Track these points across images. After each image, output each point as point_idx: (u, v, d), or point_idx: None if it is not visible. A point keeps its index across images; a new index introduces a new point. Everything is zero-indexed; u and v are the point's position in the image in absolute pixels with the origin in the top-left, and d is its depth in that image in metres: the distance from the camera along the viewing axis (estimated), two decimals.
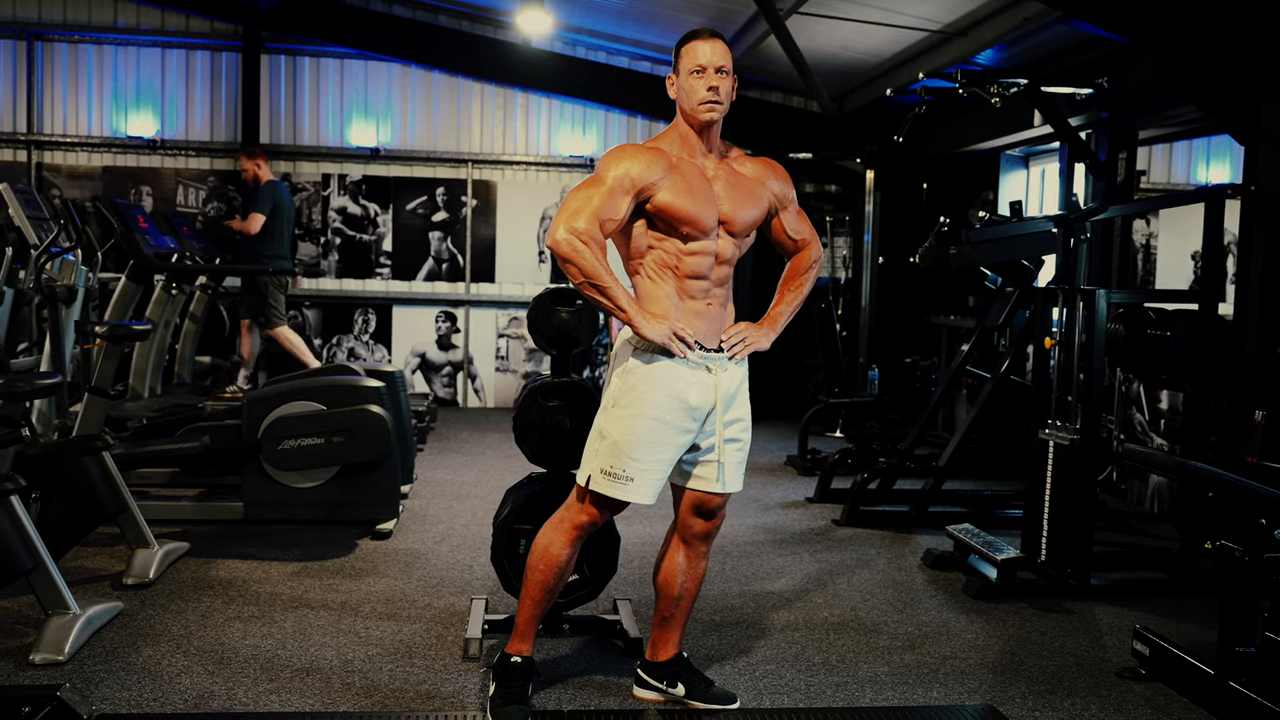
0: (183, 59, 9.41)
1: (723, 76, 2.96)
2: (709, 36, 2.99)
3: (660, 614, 3.26)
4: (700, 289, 3.01)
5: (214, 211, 9.41)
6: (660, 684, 3.25)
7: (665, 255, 2.99)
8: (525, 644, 3.15)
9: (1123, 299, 4.92)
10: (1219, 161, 9.46)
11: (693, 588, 3.25)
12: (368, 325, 9.72)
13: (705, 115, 2.97)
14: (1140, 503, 6.40)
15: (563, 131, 9.80)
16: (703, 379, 3.00)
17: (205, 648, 3.58)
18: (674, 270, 2.99)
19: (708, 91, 2.94)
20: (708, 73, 2.95)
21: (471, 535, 5.21)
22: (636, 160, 2.92)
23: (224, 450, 5.15)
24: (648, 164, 2.92)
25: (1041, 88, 5.54)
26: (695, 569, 3.24)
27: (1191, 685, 3.41)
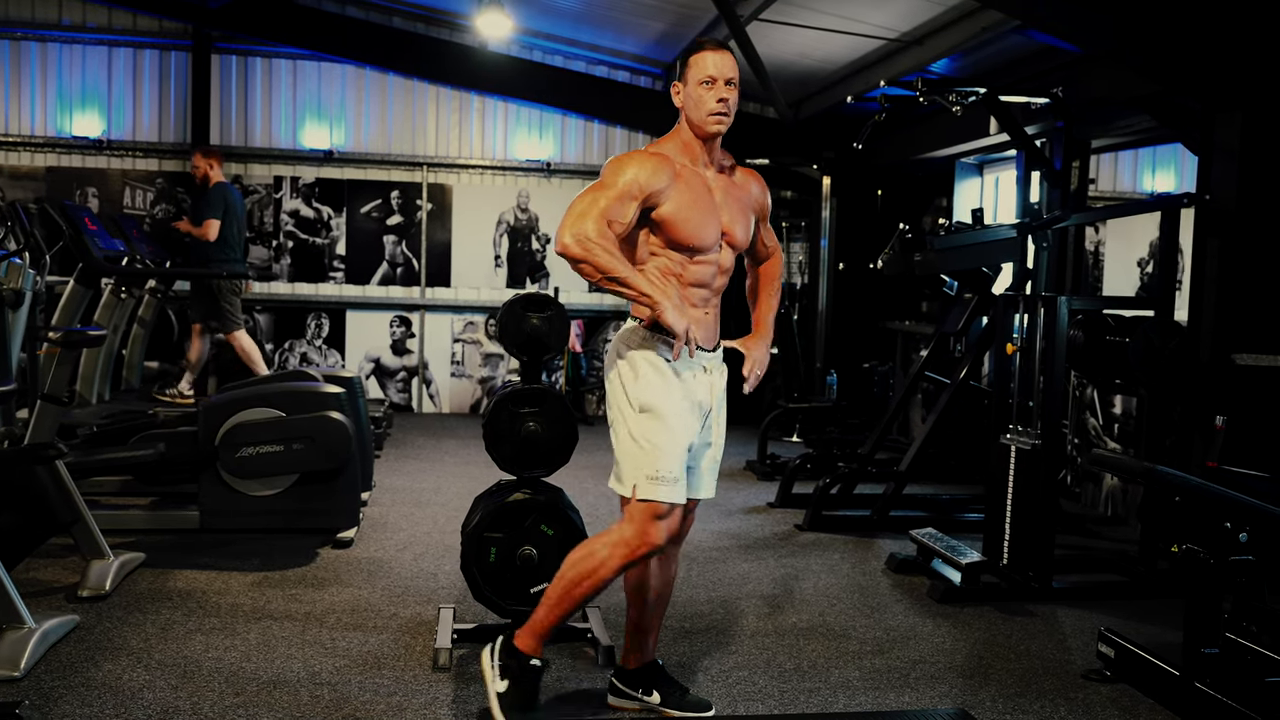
0: (130, 58, 9.21)
1: (731, 88, 2.97)
2: (718, 48, 2.99)
3: (634, 621, 3.24)
4: (701, 297, 3.02)
5: (162, 214, 9.22)
6: (635, 692, 3.23)
7: (670, 263, 2.98)
8: (541, 647, 3.09)
9: (1082, 306, 4.99)
10: (1164, 170, 9.64)
11: (667, 592, 3.25)
12: (320, 330, 9.59)
13: (714, 127, 2.98)
14: (1095, 506, 6.50)
15: (519, 135, 9.75)
16: (702, 380, 3.03)
17: (167, 661, 3.49)
18: (678, 278, 2.98)
19: (718, 103, 2.95)
20: (718, 84, 2.95)
21: (434, 543, 5.15)
22: (644, 166, 2.90)
23: (180, 458, 5.03)
24: (654, 170, 2.90)
25: (999, 97, 5.61)
26: (667, 573, 3.24)
27: (1157, 686, 3.46)
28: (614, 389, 3.03)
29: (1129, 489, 6.18)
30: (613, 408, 3.04)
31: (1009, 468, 4.69)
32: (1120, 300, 5.84)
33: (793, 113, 9.12)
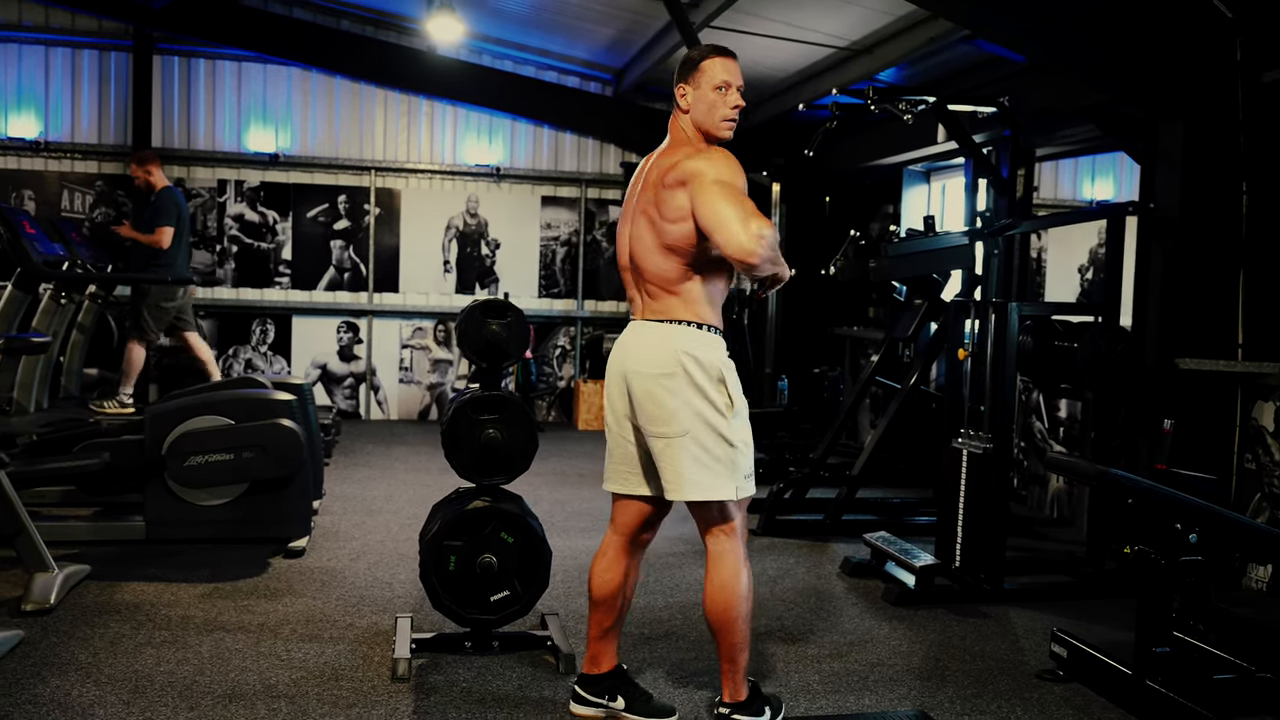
0: (68, 58, 9.01)
1: (740, 96, 3.04)
2: (730, 55, 3.05)
3: (600, 625, 3.23)
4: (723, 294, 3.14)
5: (101, 217, 9.03)
6: (600, 699, 3.22)
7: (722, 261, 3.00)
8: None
9: (1031, 311, 5.08)
10: (1104, 178, 9.85)
11: (632, 595, 3.29)
12: (266, 336, 9.45)
13: (725, 132, 3.05)
14: (1041, 508, 6.62)
15: (469, 140, 9.70)
16: None
17: (117, 676, 3.41)
18: (726, 276, 3.08)
19: (732, 109, 3.02)
20: (731, 90, 3.01)
21: (388, 552, 5.09)
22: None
23: (125, 467, 4.92)
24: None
25: (948, 106, 5.69)
26: (634, 576, 3.28)
27: (1110, 685, 3.52)
28: (689, 398, 2.95)
29: (1074, 491, 6.29)
30: (682, 419, 2.95)
31: (961, 472, 4.76)
32: (1068, 306, 5.96)
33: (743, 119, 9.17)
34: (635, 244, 3.06)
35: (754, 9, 6.86)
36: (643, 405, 3.01)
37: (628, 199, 3.16)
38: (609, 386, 3.17)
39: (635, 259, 3.06)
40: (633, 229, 3.07)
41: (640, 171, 3.14)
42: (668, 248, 2.98)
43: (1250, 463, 4.93)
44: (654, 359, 2.99)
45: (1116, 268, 5.05)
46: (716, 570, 3.04)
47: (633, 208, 3.10)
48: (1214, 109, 4.88)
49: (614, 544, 3.23)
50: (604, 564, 3.23)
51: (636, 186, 3.12)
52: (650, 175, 3.06)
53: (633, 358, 3.04)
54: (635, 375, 3.01)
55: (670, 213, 2.96)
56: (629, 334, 3.11)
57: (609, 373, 3.17)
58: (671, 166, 2.98)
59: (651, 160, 3.12)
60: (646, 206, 3.03)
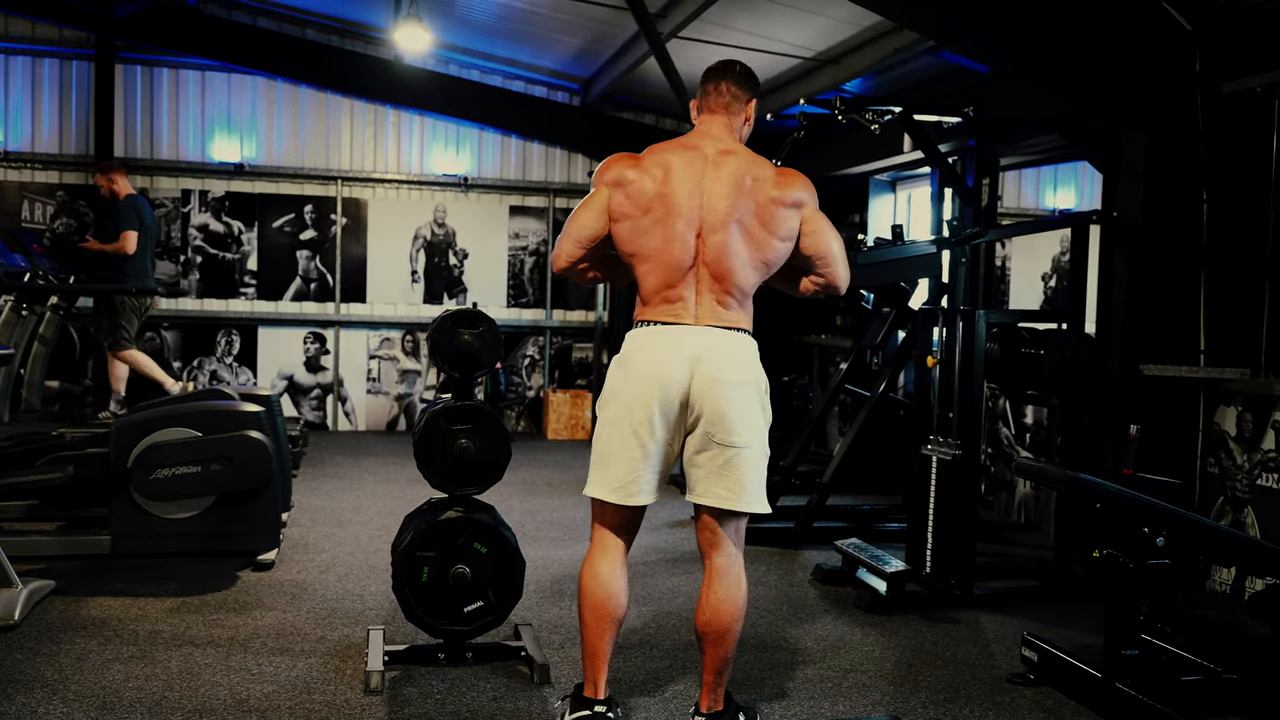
0: (28, 67, 8.91)
1: None
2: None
3: (612, 642, 3.09)
4: None
5: (63, 227, 8.92)
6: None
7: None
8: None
9: (998, 319, 5.14)
10: (1065, 187, 9.98)
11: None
12: (231, 347, 9.37)
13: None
14: (1008, 513, 6.68)
15: (436, 149, 9.67)
16: None
17: (85, 693, 3.36)
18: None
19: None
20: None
21: (358, 563, 5.06)
22: None
23: (90, 480, 4.85)
24: None
25: (914, 116, 5.75)
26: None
27: (1080, 688, 3.56)
28: (759, 409, 3.01)
29: (1041, 496, 6.36)
30: (755, 429, 2.98)
31: (930, 478, 4.80)
32: (1034, 313, 6.02)
33: None
34: (721, 250, 2.94)
35: (721, 19, 6.91)
36: (722, 412, 2.91)
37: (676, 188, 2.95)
38: (653, 388, 2.92)
39: (718, 263, 2.95)
40: (721, 235, 2.93)
41: (701, 162, 2.99)
42: (764, 262, 3.01)
43: (1213, 467, 5.01)
44: (741, 366, 2.96)
45: (1081, 276, 5.12)
46: (726, 582, 3.02)
47: (717, 207, 2.94)
48: (1174, 119, 4.96)
49: (619, 551, 3.09)
50: (615, 573, 3.05)
51: (701, 180, 2.97)
52: (743, 182, 2.97)
53: (718, 364, 2.92)
54: (717, 381, 2.91)
55: (783, 231, 3.01)
56: (697, 337, 2.94)
57: (658, 375, 2.92)
58: (778, 184, 3.01)
59: (720, 159, 3.00)
60: (746, 216, 2.96)
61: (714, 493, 2.99)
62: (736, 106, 3.12)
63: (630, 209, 2.98)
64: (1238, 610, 4.55)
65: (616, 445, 2.99)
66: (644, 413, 2.94)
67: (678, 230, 2.94)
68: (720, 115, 3.11)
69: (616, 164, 3.05)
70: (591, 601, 3.02)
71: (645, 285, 3.01)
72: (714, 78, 3.14)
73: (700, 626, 3.04)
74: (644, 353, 2.97)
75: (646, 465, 2.98)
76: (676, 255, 2.95)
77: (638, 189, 2.97)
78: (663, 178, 2.97)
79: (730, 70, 3.15)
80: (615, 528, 3.09)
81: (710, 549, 3.07)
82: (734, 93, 3.11)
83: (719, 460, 2.95)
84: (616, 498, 3.00)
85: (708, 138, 3.08)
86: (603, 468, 3.02)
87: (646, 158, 3.03)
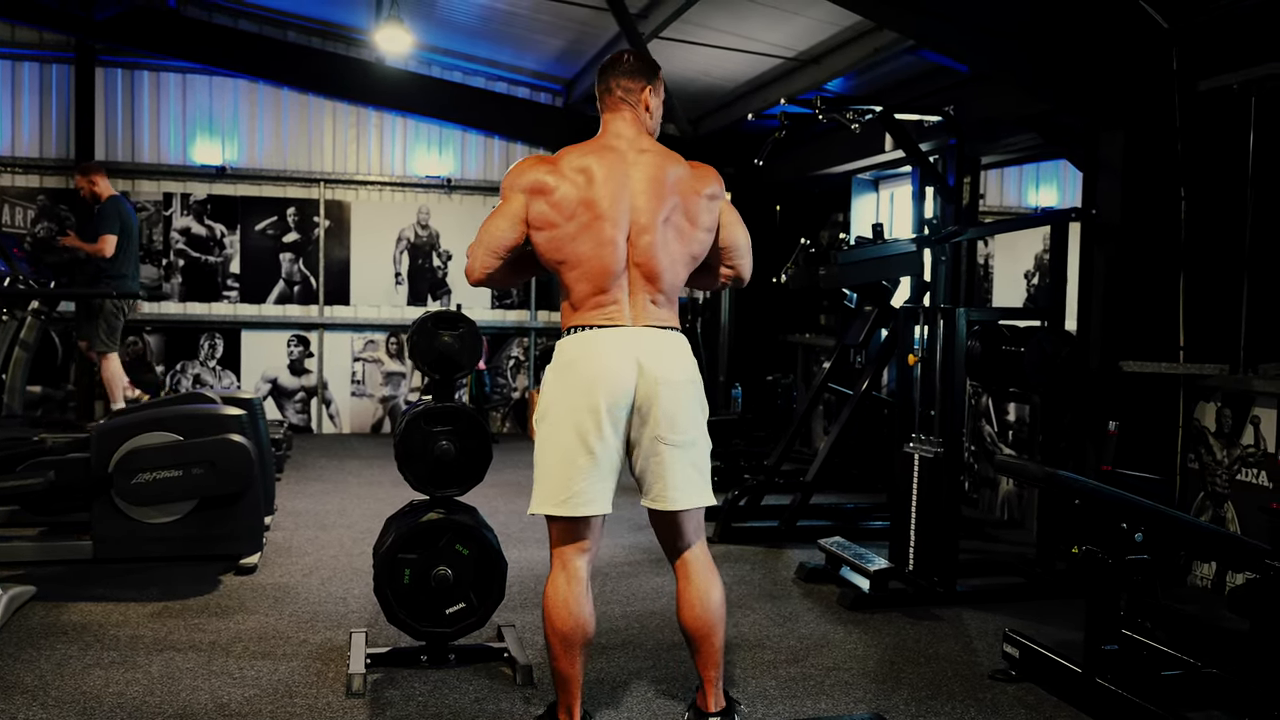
0: (8, 70, 8.86)
1: None
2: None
3: (582, 668, 3.02)
4: None
5: (44, 231, 8.87)
6: None
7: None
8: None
9: (980, 317, 5.15)
10: (1048, 185, 10.03)
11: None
12: (214, 350, 9.33)
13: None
14: (991, 511, 6.71)
15: (419, 151, 9.65)
16: None
17: (65, 698, 3.35)
18: None
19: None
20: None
21: (341, 566, 5.05)
22: None
23: (71, 485, 4.83)
24: None
25: (895, 115, 5.76)
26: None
27: (1061, 684, 3.57)
28: (700, 404, 3.02)
29: (1024, 494, 6.39)
30: (699, 424, 2.99)
31: (913, 475, 4.81)
32: (1014, 311, 6.05)
33: (693, 129, 9.24)
34: (651, 250, 2.91)
35: (702, 20, 6.91)
36: (671, 413, 2.89)
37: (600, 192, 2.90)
38: (599, 393, 2.85)
39: (649, 264, 2.91)
40: (650, 235, 2.90)
41: (621, 163, 2.94)
42: (692, 257, 3.02)
43: (1193, 462, 5.04)
44: (683, 365, 2.95)
45: (1061, 273, 5.14)
46: (703, 576, 3.03)
47: (644, 207, 2.91)
48: (1152, 117, 4.99)
49: (583, 570, 2.97)
50: (580, 595, 2.94)
51: (625, 181, 2.92)
52: (665, 179, 2.94)
53: (662, 365, 2.89)
54: (667, 383, 2.88)
55: (705, 223, 3.03)
56: (638, 339, 2.90)
57: (605, 379, 2.86)
58: (696, 177, 3.01)
59: (639, 158, 2.96)
60: (672, 213, 2.94)
61: (667, 495, 2.95)
62: (633, 98, 3.05)
63: (554, 217, 2.90)
64: (1218, 605, 4.57)
65: (561, 456, 2.90)
66: (592, 419, 2.86)
67: (607, 235, 2.89)
68: (622, 111, 3.05)
69: (530, 169, 2.96)
70: (559, 629, 2.91)
71: (576, 291, 2.93)
72: (603, 78, 3.09)
73: (689, 625, 3.02)
74: (587, 358, 2.89)
75: (596, 473, 2.89)
76: (608, 260, 2.89)
77: (561, 196, 2.90)
78: (585, 183, 2.90)
79: (617, 66, 3.09)
80: (572, 544, 2.96)
81: (677, 548, 3.06)
82: (626, 86, 3.05)
83: (668, 460, 2.92)
84: (564, 510, 2.90)
85: (620, 137, 3.02)
86: (548, 481, 2.93)
87: (563, 162, 2.95)
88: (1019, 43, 5.06)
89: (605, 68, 3.11)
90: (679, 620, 3.06)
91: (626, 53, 3.17)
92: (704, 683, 3.07)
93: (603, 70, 3.11)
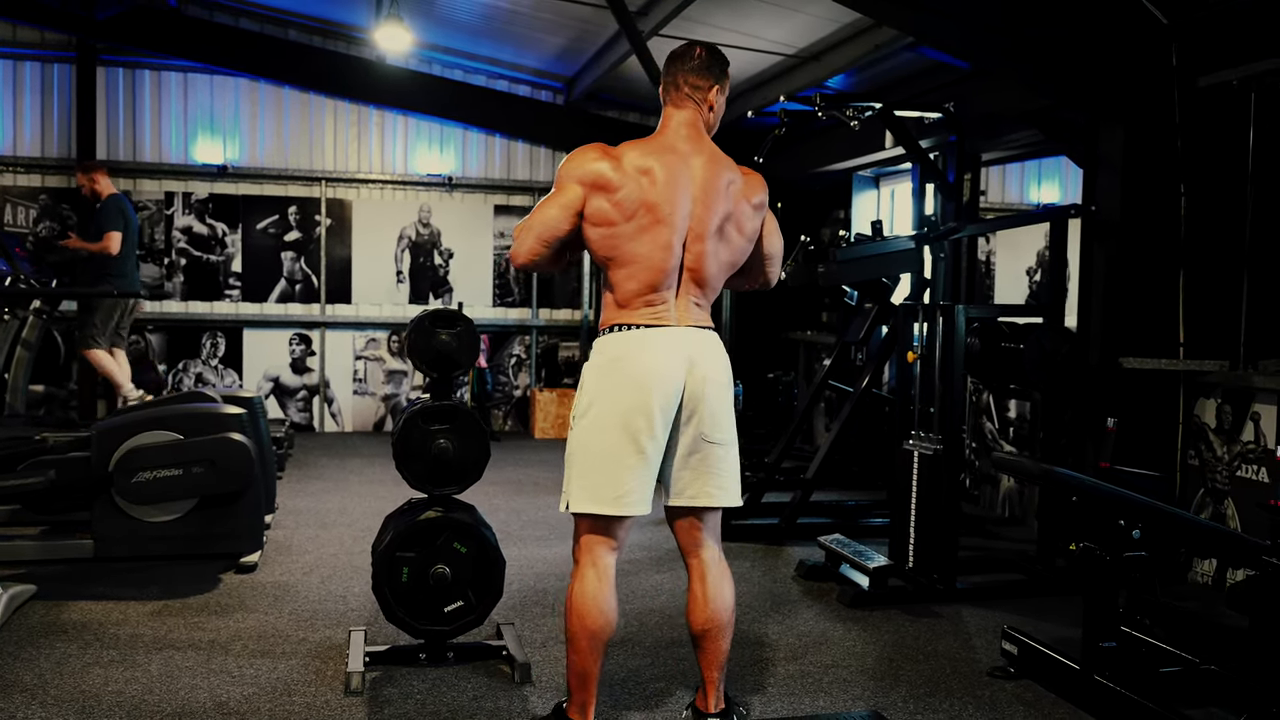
0: (9, 70, 8.87)
1: None
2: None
3: (600, 666, 2.99)
4: None
5: (46, 231, 8.89)
6: None
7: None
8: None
9: (978, 314, 5.15)
10: (1049, 182, 10.03)
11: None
12: (217, 349, 9.34)
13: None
14: (993, 508, 6.70)
15: (420, 149, 9.66)
16: None
17: (64, 697, 3.36)
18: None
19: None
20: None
21: (341, 565, 5.05)
22: None
23: (72, 484, 4.83)
24: None
25: (894, 111, 5.75)
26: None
27: (1059, 681, 3.57)
28: (732, 408, 3.03)
29: (1025, 491, 6.38)
30: (732, 428, 3.01)
31: (912, 473, 4.81)
32: (1014, 308, 6.04)
33: None
34: (703, 257, 2.91)
35: (702, 17, 6.91)
36: (716, 412, 2.92)
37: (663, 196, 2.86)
38: (653, 390, 2.83)
39: (699, 269, 2.92)
40: (705, 242, 2.91)
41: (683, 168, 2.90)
42: (734, 264, 3.03)
43: (1194, 459, 5.04)
44: (725, 365, 2.97)
45: (1061, 270, 5.14)
46: (723, 578, 3.03)
47: (702, 216, 2.90)
48: (1152, 113, 4.98)
49: (612, 569, 2.95)
50: (609, 594, 2.91)
51: (687, 187, 2.89)
52: (721, 188, 2.93)
53: (708, 364, 2.90)
54: (713, 382, 2.90)
55: (752, 232, 3.04)
56: (687, 338, 2.90)
57: (658, 376, 2.84)
58: (748, 186, 3.01)
59: (699, 162, 2.93)
60: (725, 222, 2.94)
61: (707, 492, 2.97)
62: (699, 96, 2.99)
63: (614, 215, 2.85)
64: (1220, 602, 4.57)
65: (607, 453, 2.85)
66: (644, 416, 2.83)
67: (665, 239, 2.86)
68: (685, 109, 2.99)
69: (592, 161, 2.88)
70: (588, 626, 2.87)
71: (624, 288, 2.90)
72: (670, 71, 3.02)
73: (700, 625, 3.00)
74: (638, 355, 2.85)
75: (645, 470, 2.87)
76: (663, 263, 2.87)
77: (624, 196, 2.84)
78: (649, 185, 2.85)
79: (687, 60, 3.01)
80: (606, 543, 2.93)
81: (698, 547, 3.05)
82: (694, 84, 2.98)
83: (710, 459, 2.95)
84: (614, 509, 2.86)
85: (680, 137, 2.96)
86: (592, 477, 2.88)
87: (624, 159, 2.88)
88: (1018, 38, 5.05)
89: (674, 60, 3.04)
90: (688, 619, 3.04)
91: (698, 46, 3.06)
92: (705, 683, 3.06)
93: (671, 62, 3.04)
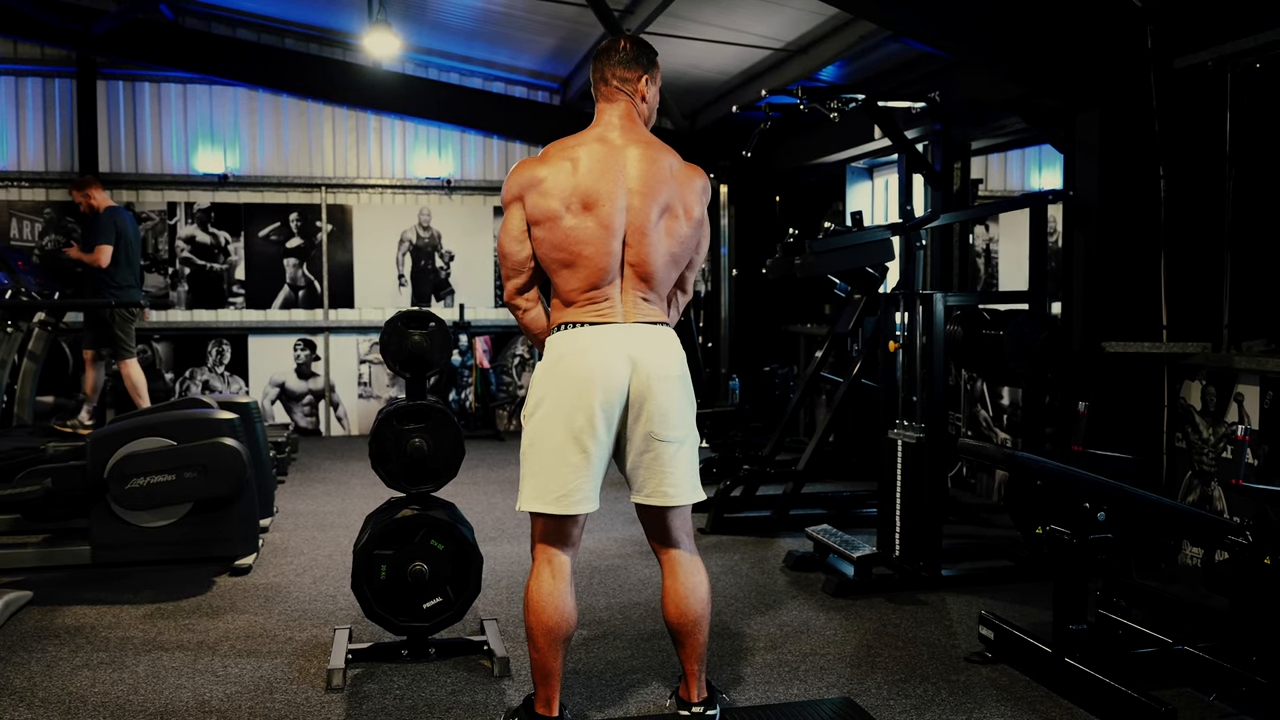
0: (11, 86, 8.99)
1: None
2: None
3: (562, 660, 3.01)
4: None
5: (51, 244, 9.01)
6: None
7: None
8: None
9: (958, 301, 5.16)
10: (1050, 169, 9.98)
11: None
12: (222, 357, 9.45)
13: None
14: (988, 495, 6.71)
15: (418, 153, 9.73)
16: None
17: (51, 699, 3.43)
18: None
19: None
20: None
21: (335, 565, 5.12)
22: None
23: (68, 492, 4.92)
24: None
25: (878, 102, 5.77)
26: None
27: (1032, 664, 3.59)
28: (690, 400, 2.99)
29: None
30: (689, 420, 2.98)
31: (897, 461, 4.83)
32: (996, 294, 6.03)
33: (689, 123, 9.27)
34: (646, 249, 2.88)
35: (688, 13, 6.94)
36: (665, 409, 2.88)
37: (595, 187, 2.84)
38: (594, 389, 2.83)
39: (643, 262, 2.89)
40: (646, 234, 2.88)
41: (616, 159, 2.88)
42: (677, 255, 2.97)
43: (1180, 441, 5.03)
44: (674, 361, 2.92)
45: (1042, 256, 5.14)
46: (689, 572, 3.02)
47: (640, 206, 2.87)
48: (1128, 97, 4.98)
49: (568, 567, 2.96)
50: (564, 592, 2.92)
51: (611, 171, 2.86)
52: (656, 171, 2.89)
53: (654, 361, 2.87)
54: (661, 379, 2.87)
55: (699, 219, 3.00)
56: (631, 335, 2.88)
57: (599, 375, 2.83)
58: (689, 172, 2.98)
59: (632, 152, 2.91)
60: (665, 213, 2.90)
61: (661, 491, 2.94)
62: (629, 88, 2.98)
63: (549, 206, 2.84)
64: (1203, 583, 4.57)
65: (552, 452, 2.86)
66: (584, 415, 2.82)
67: (602, 233, 2.84)
68: (617, 102, 2.98)
69: (521, 172, 2.91)
70: (544, 623, 2.89)
71: (567, 286, 2.89)
72: (598, 66, 3.01)
73: (675, 619, 3.01)
74: (579, 354, 2.85)
75: (588, 470, 2.87)
76: (603, 258, 2.85)
77: (552, 185, 2.84)
78: (574, 171, 2.84)
79: (613, 54, 3.00)
80: (559, 541, 2.95)
81: (666, 542, 3.04)
82: (621, 76, 2.97)
83: (662, 458, 2.91)
84: (558, 508, 2.87)
85: (611, 128, 2.95)
86: (538, 478, 2.89)
87: (550, 153, 2.90)
88: (992, 26, 5.06)
89: (600, 55, 3.02)
90: (664, 614, 3.05)
91: (623, 39, 3.04)
92: (687, 675, 3.09)
93: (598, 58, 3.02)
